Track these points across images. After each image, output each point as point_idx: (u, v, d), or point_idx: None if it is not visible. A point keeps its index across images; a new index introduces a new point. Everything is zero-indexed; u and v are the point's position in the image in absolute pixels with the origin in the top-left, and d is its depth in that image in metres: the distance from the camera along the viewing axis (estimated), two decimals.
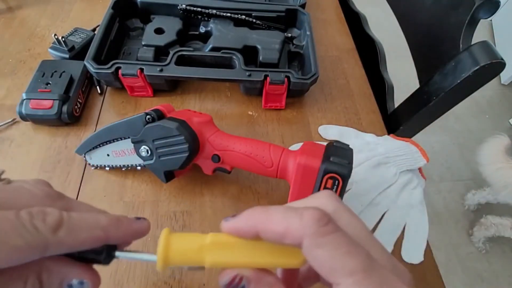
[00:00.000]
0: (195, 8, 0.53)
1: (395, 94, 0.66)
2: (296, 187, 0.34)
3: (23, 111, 0.43)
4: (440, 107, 0.50)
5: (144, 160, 0.38)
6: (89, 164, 0.42)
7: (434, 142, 1.54)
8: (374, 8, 1.32)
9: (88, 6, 0.63)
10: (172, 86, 0.51)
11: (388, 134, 0.50)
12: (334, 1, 0.72)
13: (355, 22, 0.74)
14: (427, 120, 0.54)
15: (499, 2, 0.43)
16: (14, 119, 0.46)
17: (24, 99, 0.44)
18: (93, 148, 0.41)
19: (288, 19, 0.57)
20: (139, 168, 0.40)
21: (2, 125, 0.45)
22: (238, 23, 0.54)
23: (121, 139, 0.39)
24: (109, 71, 0.45)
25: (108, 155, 0.41)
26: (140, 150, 0.37)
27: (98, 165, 0.42)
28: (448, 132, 1.58)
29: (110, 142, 0.40)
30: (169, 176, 0.39)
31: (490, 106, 1.69)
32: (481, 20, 0.46)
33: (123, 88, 0.49)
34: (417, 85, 0.56)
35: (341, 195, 0.32)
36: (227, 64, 0.50)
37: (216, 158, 0.37)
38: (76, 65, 0.48)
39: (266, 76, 0.47)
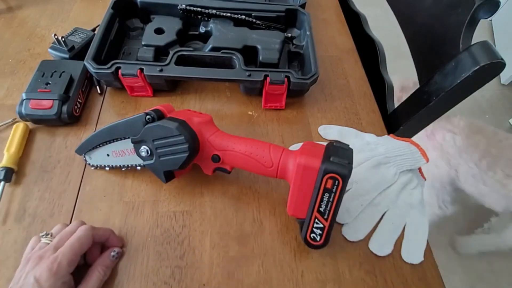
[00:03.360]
0: (195, 8, 0.53)
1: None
2: (296, 187, 0.34)
3: (23, 111, 0.43)
4: (440, 107, 0.50)
5: (144, 160, 0.38)
6: (89, 164, 0.42)
7: None
8: (374, 8, 1.32)
9: (88, 6, 0.63)
10: (172, 86, 0.51)
11: (388, 134, 0.50)
12: (334, 1, 0.72)
13: (355, 22, 0.74)
14: (427, 120, 0.54)
15: (499, 2, 0.43)
16: (14, 119, 0.46)
17: (24, 99, 0.44)
18: (93, 148, 0.41)
19: (288, 19, 0.57)
20: (139, 168, 0.40)
21: (2, 125, 0.45)
22: (238, 23, 0.54)
23: (121, 139, 0.39)
24: (109, 71, 0.45)
25: (108, 155, 0.41)
26: (140, 150, 0.37)
27: (98, 165, 0.42)
28: None
29: (110, 142, 0.40)
30: (169, 176, 0.39)
31: (490, 106, 1.69)
32: (481, 20, 0.46)
33: (123, 88, 0.49)
34: (417, 85, 0.56)
35: (341, 195, 0.32)
36: (227, 64, 0.50)
37: (216, 158, 0.37)
38: (76, 65, 0.48)
39: (266, 76, 0.47)
